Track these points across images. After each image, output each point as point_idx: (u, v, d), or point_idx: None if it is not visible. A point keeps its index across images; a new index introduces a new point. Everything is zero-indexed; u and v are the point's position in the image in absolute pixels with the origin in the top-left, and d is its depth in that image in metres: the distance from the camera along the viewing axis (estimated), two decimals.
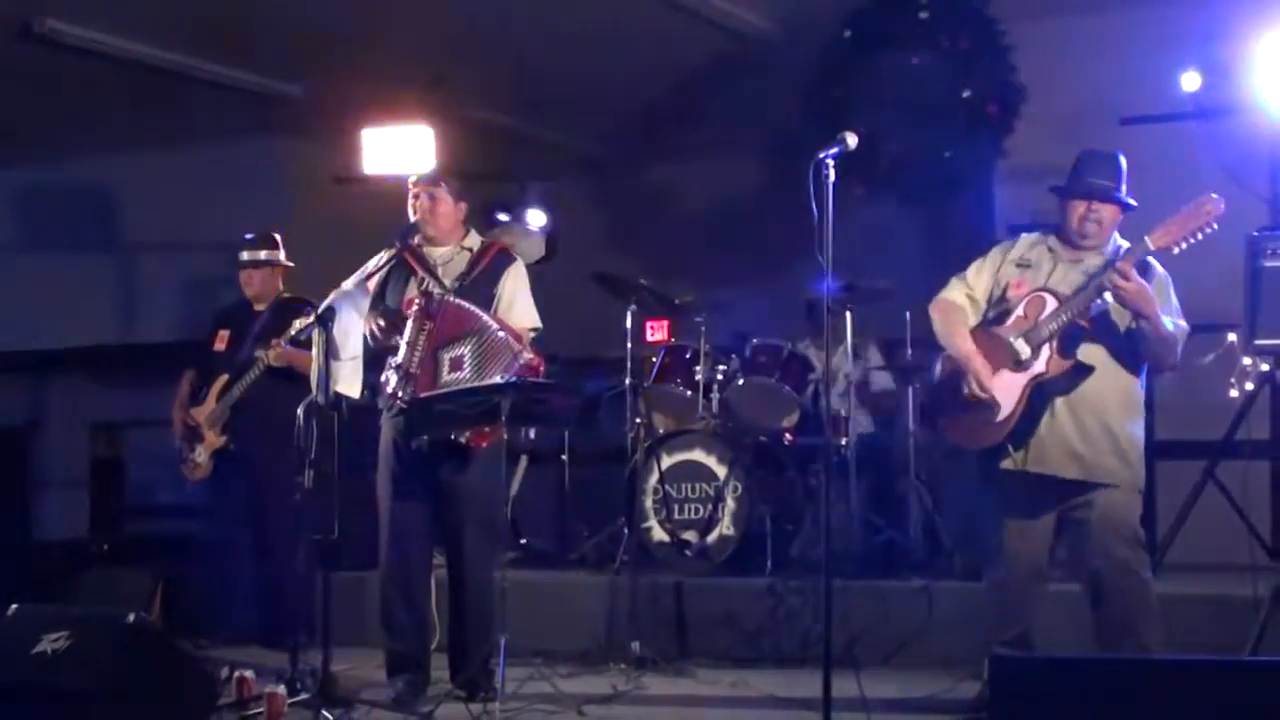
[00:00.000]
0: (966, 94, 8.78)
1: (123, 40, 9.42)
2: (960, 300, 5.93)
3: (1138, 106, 8.58)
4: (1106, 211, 5.73)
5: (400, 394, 6.20)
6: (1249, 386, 7.35)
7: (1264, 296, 6.87)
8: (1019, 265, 5.87)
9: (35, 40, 9.10)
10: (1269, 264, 6.87)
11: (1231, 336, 7.34)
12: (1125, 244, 5.70)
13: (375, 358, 6.44)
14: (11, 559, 9.77)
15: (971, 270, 5.98)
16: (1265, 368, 7.24)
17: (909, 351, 8.34)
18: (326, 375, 6.05)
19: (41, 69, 9.68)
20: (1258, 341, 6.94)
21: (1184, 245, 5.47)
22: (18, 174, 12.39)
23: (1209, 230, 5.44)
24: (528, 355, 6.17)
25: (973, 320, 5.89)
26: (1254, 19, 7.96)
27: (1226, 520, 7.23)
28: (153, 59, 9.67)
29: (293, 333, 6.89)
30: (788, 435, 8.41)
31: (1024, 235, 6.02)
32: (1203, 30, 8.46)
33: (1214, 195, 5.46)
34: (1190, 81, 8.28)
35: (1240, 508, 7.21)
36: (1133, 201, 5.77)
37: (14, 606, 5.66)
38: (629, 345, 7.95)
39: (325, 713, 5.76)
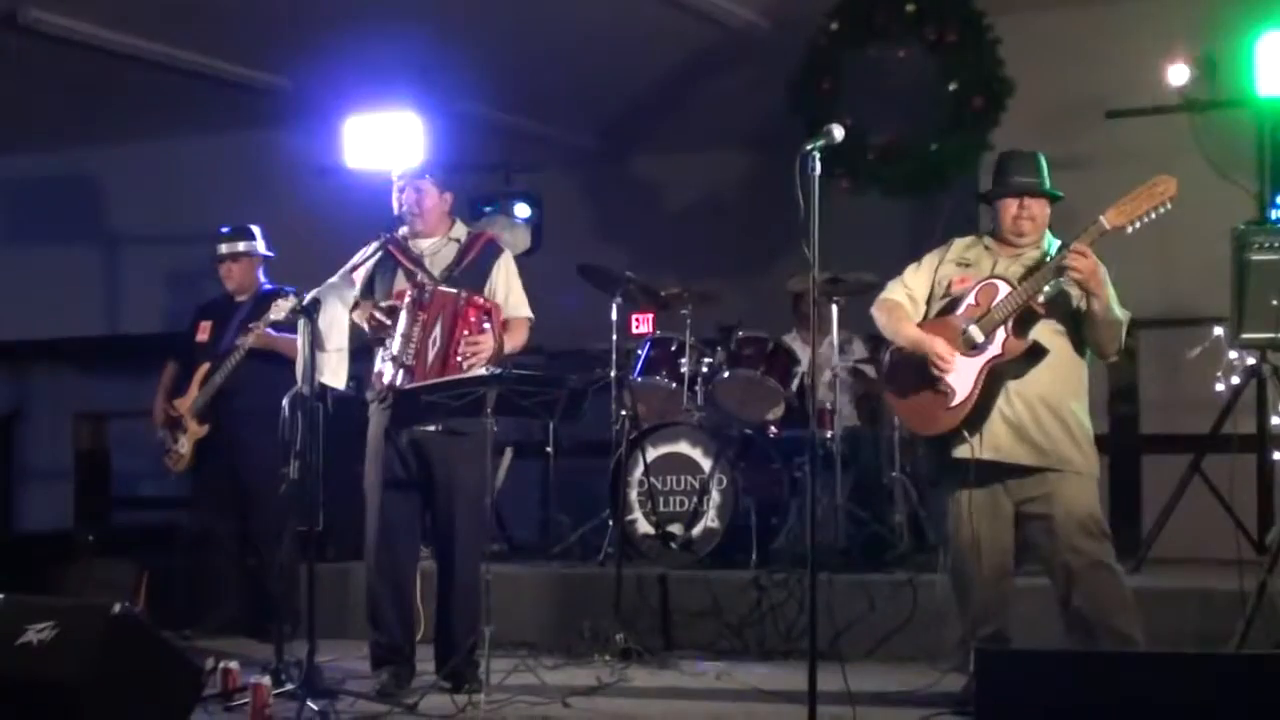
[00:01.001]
0: (953, 87, 8.80)
1: (108, 31, 9.38)
2: (901, 298, 5.95)
3: (1125, 100, 8.60)
4: (1037, 207, 5.80)
5: (397, 385, 6.20)
6: (1235, 380, 7.36)
7: (1251, 290, 6.85)
8: (959, 264, 5.90)
9: (19, 30, 9.05)
10: (1256, 257, 6.86)
11: (1218, 330, 7.36)
12: (1058, 241, 5.73)
13: (360, 349, 6.43)
14: None
15: (909, 271, 6.01)
16: (1251, 362, 7.24)
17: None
18: (312, 366, 6.03)
19: (25, 59, 9.63)
20: (1244, 335, 6.94)
21: (1138, 224, 5.50)
22: (2, 165, 12.34)
23: (1163, 210, 5.47)
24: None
25: (914, 319, 5.90)
26: (1241, 12, 7.97)
27: (1213, 514, 7.24)
28: (138, 50, 9.63)
29: (275, 316, 6.86)
30: (773, 428, 8.40)
31: (957, 239, 6.05)
32: (1190, 24, 8.48)
33: (1167, 175, 5.50)
34: (1177, 75, 8.29)
35: (1227, 502, 7.22)
36: (1060, 193, 5.84)
37: None
38: (614, 337, 7.95)
39: (310, 704, 5.73)
